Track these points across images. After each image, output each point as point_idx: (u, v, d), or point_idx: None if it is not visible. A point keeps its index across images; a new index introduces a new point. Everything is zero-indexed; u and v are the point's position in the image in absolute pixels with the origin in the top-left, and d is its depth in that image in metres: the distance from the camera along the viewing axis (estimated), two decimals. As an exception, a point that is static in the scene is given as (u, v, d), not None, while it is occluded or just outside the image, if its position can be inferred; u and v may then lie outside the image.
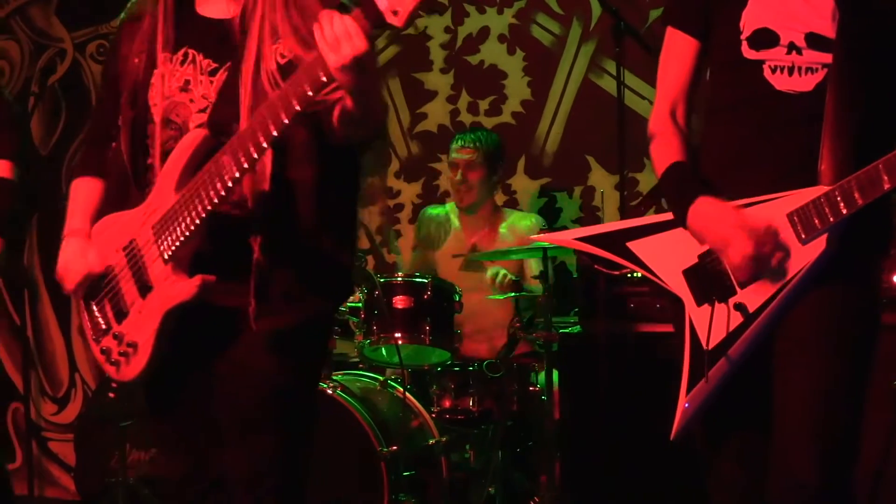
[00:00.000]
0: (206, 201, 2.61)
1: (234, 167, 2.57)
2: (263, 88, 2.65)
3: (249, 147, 2.54)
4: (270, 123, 2.51)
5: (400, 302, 4.99)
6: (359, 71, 2.44)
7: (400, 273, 5.32)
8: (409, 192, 6.43)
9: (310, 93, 2.47)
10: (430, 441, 4.96)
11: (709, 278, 2.79)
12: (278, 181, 2.69)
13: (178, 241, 2.66)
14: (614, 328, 4.56)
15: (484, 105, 6.31)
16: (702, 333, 2.78)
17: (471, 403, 5.11)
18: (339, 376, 4.98)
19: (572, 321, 5.00)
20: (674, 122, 2.95)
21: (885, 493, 4.07)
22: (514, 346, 5.15)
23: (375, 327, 4.98)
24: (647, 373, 4.44)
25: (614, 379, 4.51)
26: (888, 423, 4.08)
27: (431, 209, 5.93)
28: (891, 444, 4.08)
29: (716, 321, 2.77)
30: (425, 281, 5.05)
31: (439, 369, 5.18)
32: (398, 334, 4.98)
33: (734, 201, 2.78)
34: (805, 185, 2.71)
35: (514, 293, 5.17)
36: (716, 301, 2.78)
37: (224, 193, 2.59)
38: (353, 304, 5.08)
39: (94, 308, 2.86)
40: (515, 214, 5.78)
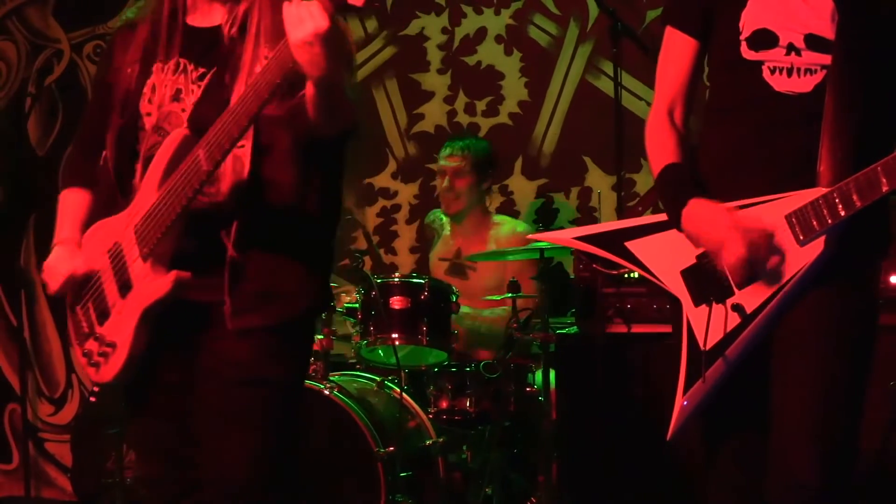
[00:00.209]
0: (183, 196, 2.63)
1: (208, 160, 2.59)
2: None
3: (222, 138, 2.57)
4: (242, 113, 2.55)
5: (397, 303, 4.99)
6: (320, 51, 2.46)
7: (397, 274, 5.31)
8: (407, 193, 6.43)
9: (277, 80, 2.51)
10: (427, 442, 4.95)
11: (707, 279, 2.79)
12: (258, 182, 2.71)
13: (155, 238, 2.67)
14: (611, 329, 4.56)
15: (481, 106, 6.31)
16: (699, 334, 2.78)
17: (468, 404, 5.10)
18: (336, 377, 4.97)
19: (569, 322, 5.00)
20: (671, 122, 2.94)
21: (882, 493, 4.07)
22: (511, 347, 5.15)
23: (372, 328, 4.98)
24: (644, 373, 4.45)
25: (611, 379, 4.51)
26: (885, 423, 4.08)
27: (437, 211, 5.93)
28: (888, 444, 4.08)
29: (713, 322, 2.77)
30: (422, 282, 5.04)
31: (436, 370, 5.17)
32: (395, 335, 4.97)
33: (731, 202, 2.77)
34: (804, 187, 2.71)
35: (511, 294, 5.17)
36: (713, 302, 2.78)
37: (198, 186, 2.62)
38: (350, 305, 5.09)
39: (79, 312, 2.88)
40: (507, 223, 5.75)
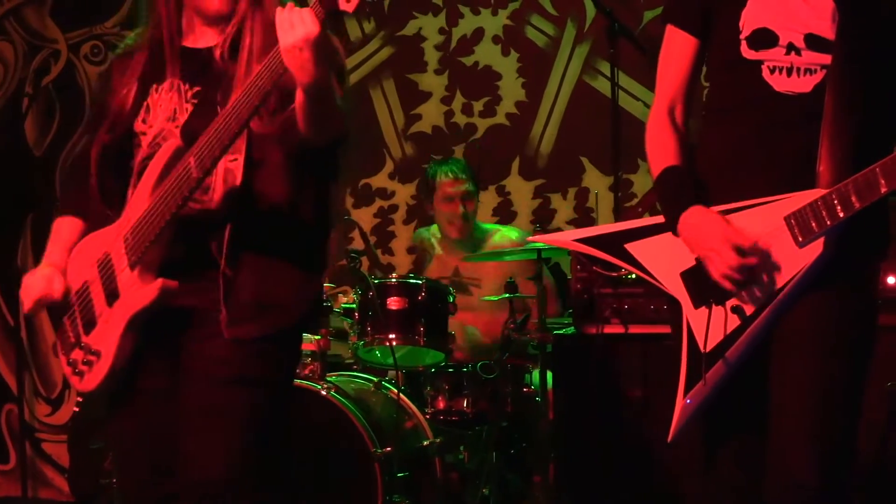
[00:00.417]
0: (172, 203, 2.63)
1: (198, 167, 2.59)
2: None
3: (214, 145, 2.58)
4: (233, 120, 2.56)
5: (394, 303, 4.98)
6: (310, 56, 2.47)
7: (394, 274, 5.30)
8: (404, 194, 6.43)
9: (268, 86, 2.53)
10: (425, 442, 4.94)
11: (706, 281, 2.76)
12: (250, 194, 2.71)
13: (144, 245, 2.67)
14: (608, 329, 4.55)
15: (478, 106, 6.31)
16: (699, 336, 2.77)
17: (465, 404, 5.12)
18: (334, 378, 4.96)
19: (566, 322, 4.99)
20: (672, 121, 2.92)
21: (881, 492, 4.06)
22: (508, 348, 5.15)
23: (370, 328, 4.97)
24: (641, 374, 4.44)
25: (608, 380, 4.50)
26: (883, 422, 4.07)
27: (422, 231, 5.92)
28: (886, 444, 4.08)
29: (713, 324, 2.75)
30: (419, 282, 5.04)
31: (433, 370, 5.17)
32: (392, 335, 4.96)
33: (730, 203, 2.77)
34: (803, 188, 2.70)
35: (508, 294, 5.17)
36: (713, 303, 2.76)
37: (188, 193, 2.62)
38: (347, 306, 5.09)
39: (66, 322, 2.86)
40: (498, 231, 5.74)
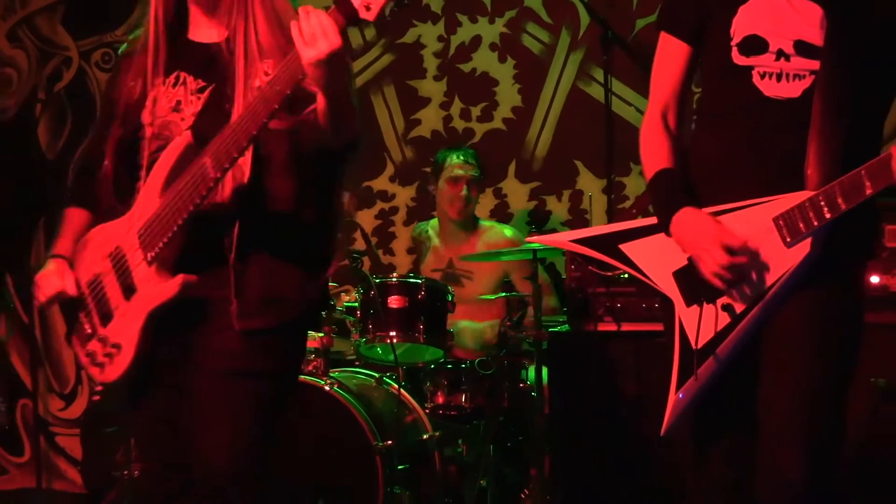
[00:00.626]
0: (189, 202, 2.61)
1: (215, 167, 2.57)
2: (247, 101, 2.65)
3: (230, 146, 2.55)
4: (250, 122, 2.53)
5: (395, 302, 4.98)
6: (332, 67, 2.44)
7: (395, 274, 5.30)
8: (404, 196, 6.41)
9: (287, 91, 2.49)
10: (424, 436, 4.94)
11: (698, 280, 2.76)
12: (258, 190, 2.69)
13: (161, 242, 2.65)
14: (602, 327, 4.55)
15: (476, 111, 6.29)
16: (691, 333, 2.77)
17: (463, 399, 5.12)
18: (337, 373, 4.96)
19: (561, 320, 4.99)
20: (665, 125, 2.91)
21: (864, 485, 4.06)
22: (505, 345, 5.15)
23: (371, 326, 4.97)
24: (634, 370, 4.43)
25: (602, 376, 4.50)
26: (867, 416, 4.07)
27: (421, 224, 5.94)
28: (868, 438, 4.07)
29: (704, 321, 2.75)
30: (419, 282, 5.04)
31: (433, 367, 5.16)
32: (393, 333, 4.96)
33: (721, 205, 2.76)
34: (792, 190, 2.69)
35: (505, 293, 5.17)
36: (704, 302, 2.76)
37: (205, 193, 2.59)
38: (349, 304, 5.09)
39: (81, 315, 2.84)
40: (494, 226, 5.76)
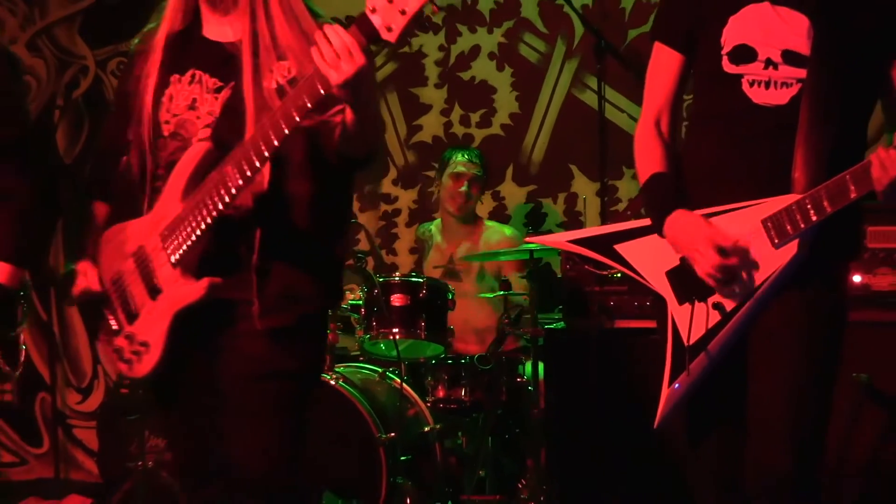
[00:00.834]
0: (212, 208, 2.59)
1: (238, 176, 2.54)
2: (266, 104, 2.62)
3: (252, 157, 2.52)
4: (272, 134, 2.49)
5: (397, 300, 4.98)
6: (357, 85, 2.41)
7: (397, 273, 5.29)
8: (406, 199, 6.41)
9: (309, 105, 2.45)
10: (426, 428, 4.94)
11: (690, 279, 2.76)
12: (277, 189, 2.66)
13: (185, 246, 2.63)
14: (596, 324, 4.54)
15: (475, 118, 6.29)
16: (683, 330, 2.77)
17: (463, 394, 5.10)
18: (342, 368, 4.96)
19: (557, 318, 4.98)
20: (658, 132, 2.90)
21: (848, 480, 4.05)
22: (503, 341, 5.15)
23: (375, 323, 4.97)
24: (626, 365, 4.43)
25: (595, 371, 4.49)
26: (850, 411, 4.06)
27: (425, 224, 5.95)
28: (852, 431, 4.07)
29: (696, 319, 2.74)
30: (421, 280, 5.04)
31: (434, 362, 5.15)
32: (396, 330, 4.95)
33: (712, 208, 2.76)
34: (779, 193, 2.69)
35: (502, 292, 5.16)
36: (696, 300, 2.75)
37: (228, 201, 2.57)
38: (354, 302, 5.08)
39: (106, 311, 2.82)
40: (492, 227, 5.76)
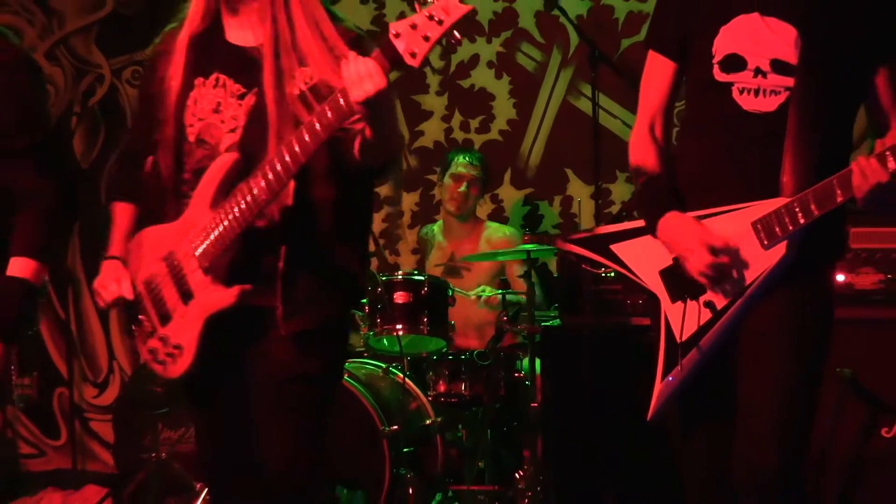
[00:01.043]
0: (241, 219, 2.57)
1: (267, 190, 2.53)
2: (288, 110, 2.60)
3: (280, 173, 2.51)
4: (299, 150, 2.48)
5: (400, 297, 4.96)
6: (377, 105, 2.40)
7: (400, 272, 5.27)
8: (408, 201, 6.40)
9: (335, 123, 2.45)
10: (427, 421, 4.93)
11: (682, 278, 2.75)
12: (301, 199, 2.63)
13: (215, 254, 2.61)
14: (591, 321, 4.53)
15: (474, 124, 6.28)
16: (675, 327, 2.76)
17: (463, 388, 5.10)
18: (347, 364, 4.94)
19: (553, 315, 4.97)
20: (652, 136, 2.90)
21: (831, 470, 4.04)
22: (501, 338, 5.14)
23: (379, 320, 4.94)
24: (619, 361, 4.41)
25: (590, 366, 4.48)
26: (834, 405, 4.05)
27: (428, 225, 5.94)
28: (836, 425, 4.05)
29: (688, 316, 2.74)
30: (422, 279, 5.02)
31: (435, 357, 5.14)
32: (399, 326, 4.93)
33: (703, 210, 2.75)
34: (768, 196, 2.68)
35: (500, 291, 5.15)
36: (688, 299, 2.75)
37: (257, 213, 2.56)
38: (358, 300, 5.05)
39: (139, 314, 2.78)
40: (492, 227, 5.76)
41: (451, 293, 5.07)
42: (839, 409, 4.06)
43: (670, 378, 2.76)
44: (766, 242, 2.67)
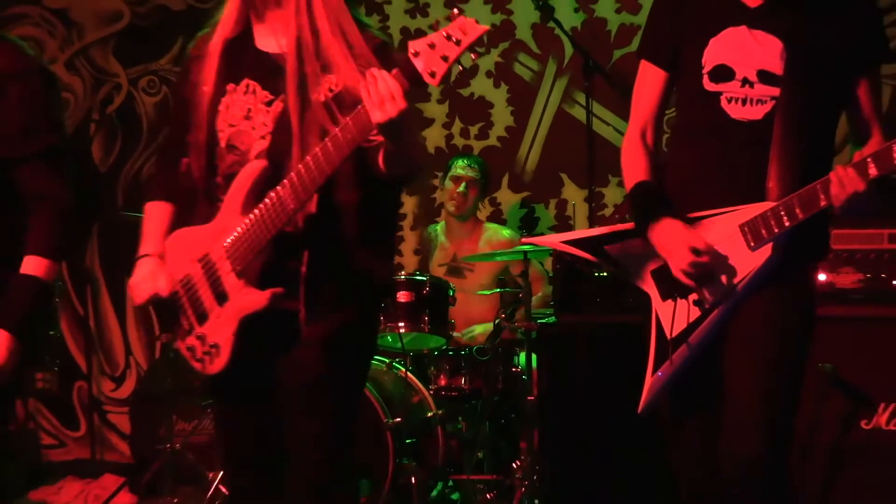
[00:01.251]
0: (271, 225, 2.54)
1: (294, 200, 2.51)
2: (314, 118, 2.55)
3: (308, 185, 2.48)
4: (324, 162, 2.45)
5: (402, 297, 4.96)
6: (399, 123, 2.37)
7: (402, 272, 5.28)
8: (410, 204, 6.39)
9: (358, 137, 2.42)
10: (429, 414, 4.93)
11: (672, 278, 2.75)
12: (326, 205, 2.60)
13: (247, 258, 2.59)
14: (584, 318, 4.52)
15: (474, 130, 6.27)
16: (666, 324, 2.76)
17: (463, 382, 5.10)
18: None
19: (549, 313, 4.96)
20: (644, 143, 2.90)
21: (815, 461, 4.04)
22: (499, 334, 5.13)
23: (382, 318, 4.94)
24: (612, 356, 4.41)
25: (584, 361, 4.47)
26: (816, 398, 4.05)
27: (431, 226, 5.94)
28: (818, 416, 4.05)
29: (678, 314, 2.74)
30: (424, 279, 5.02)
31: (436, 353, 5.14)
32: (401, 324, 4.94)
33: (693, 213, 2.76)
34: (755, 201, 2.69)
35: (499, 290, 5.15)
36: (678, 297, 2.75)
37: (286, 220, 2.53)
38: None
39: (178, 312, 2.76)
40: (492, 228, 5.76)
41: (451, 293, 5.08)
42: (821, 402, 4.05)
43: (660, 373, 2.76)
44: (752, 244, 2.68)
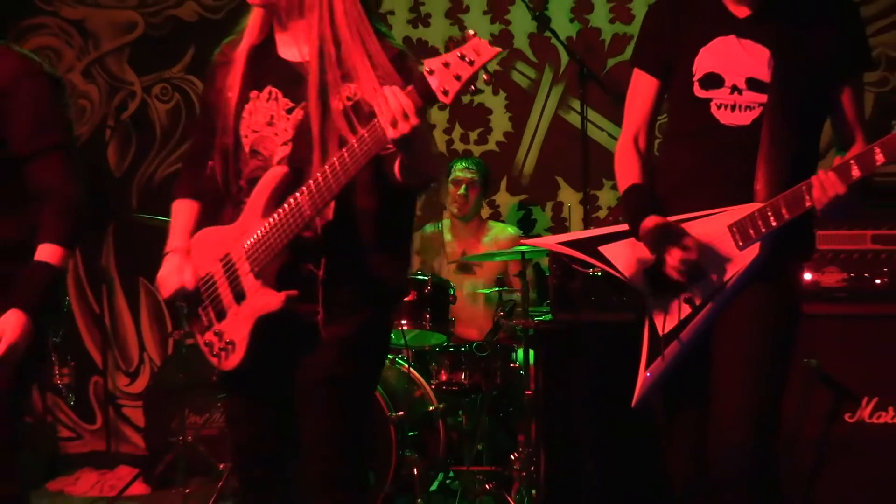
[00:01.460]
0: (289, 230, 2.53)
1: (311, 206, 2.49)
2: (333, 126, 2.53)
3: (325, 193, 2.47)
4: (343, 175, 2.44)
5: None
6: (412, 138, 2.36)
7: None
8: (412, 206, 6.38)
9: (374, 148, 2.40)
10: (430, 408, 4.93)
11: (664, 277, 2.75)
12: (344, 211, 2.58)
13: (265, 260, 2.57)
14: (580, 316, 4.52)
15: (473, 136, 6.27)
16: (658, 321, 2.76)
17: (463, 377, 5.08)
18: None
19: (545, 311, 4.96)
20: (636, 147, 2.91)
21: (800, 453, 4.04)
22: (498, 331, 5.13)
23: (388, 317, 4.93)
24: (606, 353, 4.40)
25: (580, 358, 4.47)
26: (801, 392, 4.04)
27: (427, 227, 5.89)
28: (804, 410, 4.05)
29: (670, 311, 2.74)
30: (426, 278, 5.01)
31: (437, 349, 5.14)
32: (404, 321, 4.93)
33: (683, 215, 2.75)
34: (743, 202, 2.69)
35: (498, 289, 5.15)
36: (669, 295, 2.75)
37: (303, 226, 2.52)
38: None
39: (199, 308, 2.75)
40: (497, 226, 5.77)
41: (451, 292, 5.08)
42: (806, 397, 4.05)
43: (648, 374, 2.76)
44: (740, 244, 2.68)
